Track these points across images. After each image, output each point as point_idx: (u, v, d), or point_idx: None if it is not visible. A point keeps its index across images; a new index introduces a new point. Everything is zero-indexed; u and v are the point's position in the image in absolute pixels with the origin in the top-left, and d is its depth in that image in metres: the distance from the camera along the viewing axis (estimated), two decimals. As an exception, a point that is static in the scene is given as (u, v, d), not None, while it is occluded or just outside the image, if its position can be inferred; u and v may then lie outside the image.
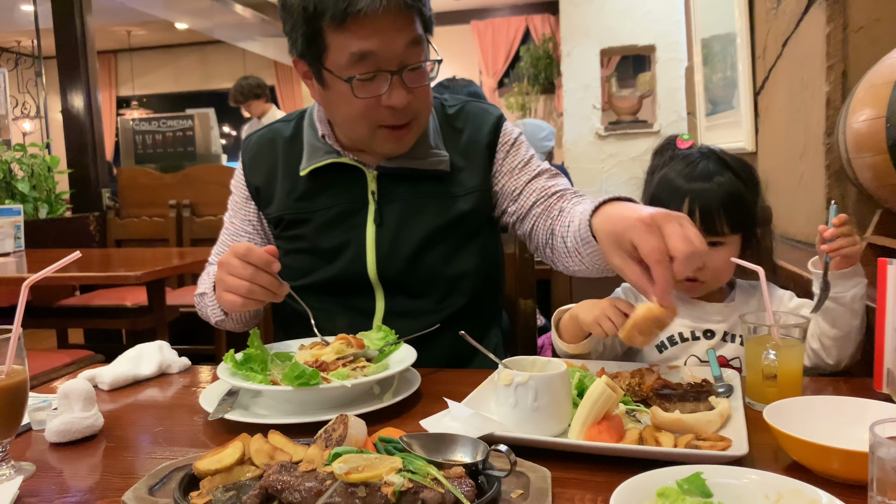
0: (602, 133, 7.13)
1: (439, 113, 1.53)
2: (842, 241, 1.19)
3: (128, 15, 8.37)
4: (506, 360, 1.07)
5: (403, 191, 1.44)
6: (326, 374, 1.13)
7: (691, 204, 1.32)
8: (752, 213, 1.35)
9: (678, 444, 0.92)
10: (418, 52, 1.30)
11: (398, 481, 0.75)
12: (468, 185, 1.46)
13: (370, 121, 1.34)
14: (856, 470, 0.78)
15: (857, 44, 1.83)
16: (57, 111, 5.07)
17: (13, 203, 3.94)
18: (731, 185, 1.33)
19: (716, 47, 3.12)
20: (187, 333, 3.60)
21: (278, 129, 1.54)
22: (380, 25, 1.24)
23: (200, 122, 6.55)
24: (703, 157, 1.36)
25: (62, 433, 1.06)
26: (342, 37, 1.26)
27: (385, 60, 1.27)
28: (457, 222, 1.45)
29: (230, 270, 1.22)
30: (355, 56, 1.26)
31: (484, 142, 1.49)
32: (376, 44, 1.25)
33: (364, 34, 1.24)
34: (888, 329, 1.11)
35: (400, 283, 1.44)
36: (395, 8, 1.23)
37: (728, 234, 1.32)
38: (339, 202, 1.44)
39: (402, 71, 1.29)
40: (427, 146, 1.45)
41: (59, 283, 3.30)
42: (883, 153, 1.52)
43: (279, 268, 1.21)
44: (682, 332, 1.38)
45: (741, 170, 1.37)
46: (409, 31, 1.27)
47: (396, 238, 1.43)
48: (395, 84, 1.29)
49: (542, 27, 8.57)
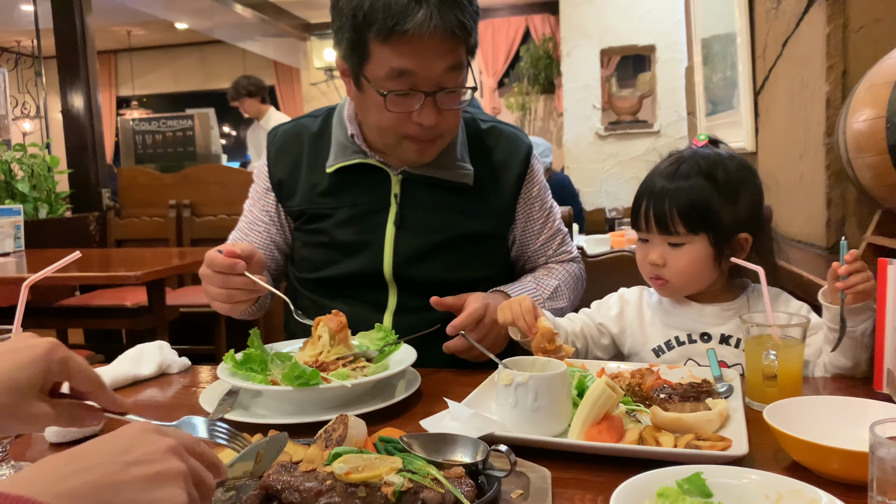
0: (602, 133, 7.13)
1: (470, 126, 1.56)
2: (855, 277, 1.17)
3: (128, 15, 8.36)
4: (506, 360, 1.07)
5: (426, 197, 1.48)
6: (326, 374, 1.13)
7: (647, 202, 1.33)
8: (717, 215, 1.29)
9: (678, 444, 0.92)
10: (456, 76, 1.33)
11: (398, 481, 0.75)
12: (493, 206, 1.52)
13: (398, 132, 1.37)
14: (856, 470, 0.78)
15: (857, 44, 1.83)
16: (57, 111, 5.06)
17: (13, 203, 3.93)
18: (694, 189, 1.30)
19: (716, 47, 3.12)
20: (187, 333, 3.60)
21: (305, 124, 1.57)
22: (424, 47, 1.26)
23: (200, 122, 6.56)
24: (685, 160, 1.35)
25: (62, 433, 1.06)
26: (385, 50, 1.27)
27: (422, 80, 1.30)
28: (474, 237, 1.50)
29: (206, 281, 1.28)
30: (395, 72, 1.28)
31: (516, 170, 1.54)
32: (417, 64, 1.27)
33: (407, 52, 1.26)
34: (888, 329, 1.11)
35: (413, 283, 1.48)
36: (442, 33, 1.24)
37: (685, 234, 1.30)
38: (363, 201, 1.48)
39: (437, 93, 1.32)
40: (453, 157, 1.48)
41: (59, 283, 3.30)
42: (883, 153, 1.52)
43: (245, 267, 1.24)
44: (678, 335, 1.38)
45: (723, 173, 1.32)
46: (451, 57, 1.29)
47: (413, 241, 1.47)
48: (428, 104, 1.32)
49: (542, 27, 8.56)
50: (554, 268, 1.62)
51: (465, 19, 1.27)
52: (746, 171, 1.37)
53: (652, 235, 1.34)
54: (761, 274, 1.19)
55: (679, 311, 1.40)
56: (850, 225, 1.91)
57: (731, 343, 1.35)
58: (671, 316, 1.40)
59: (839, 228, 1.93)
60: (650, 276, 1.37)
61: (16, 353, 0.74)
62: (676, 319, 1.39)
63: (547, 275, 1.59)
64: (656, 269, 1.34)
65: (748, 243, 1.34)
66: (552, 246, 1.63)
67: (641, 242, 1.38)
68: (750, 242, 1.34)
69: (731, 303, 1.38)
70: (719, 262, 1.33)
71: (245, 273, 1.25)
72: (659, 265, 1.33)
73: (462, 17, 1.27)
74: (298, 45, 9.50)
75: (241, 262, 1.24)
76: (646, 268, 1.37)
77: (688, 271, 1.33)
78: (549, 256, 1.64)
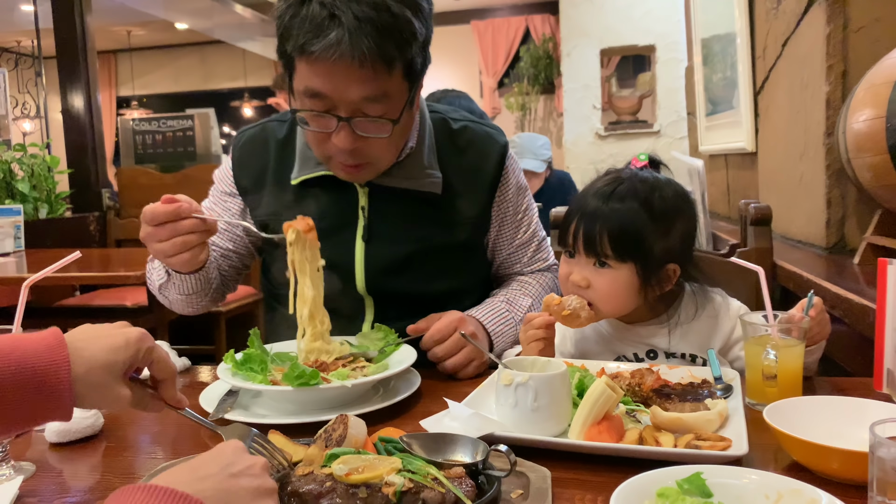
0: (602, 133, 7.14)
1: (440, 129, 1.48)
2: (815, 328, 1.17)
3: (128, 15, 8.36)
4: (506, 361, 1.07)
5: (394, 208, 1.41)
6: (326, 374, 1.13)
7: (578, 221, 1.26)
8: (647, 244, 1.23)
9: (678, 444, 0.92)
10: (379, 107, 1.23)
11: (399, 482, 0.75)
12: (466, 213, 1.45)
13: (322, 152, 1.32)
14: (856, 470, 0.78)
15: (857, 44, 1.83)
16: (57, 111, 5.06)
17: (13, 203, 3.93)
18: (628, 214, 1.23)
19: (716, 47, 3.12)
20: (187, 333, 3.60)
21: (272, 128, 1.50)
22: (335, 71, 1.18)
23: (200, 122, 6.54)
24: (622, 181, 1.27)
25: (62, 433, 1.06)
26: (303, 67, 1.21)
27: (335, 105, 1.22)
28: (448, 246, 1.44)
29: (151, 239, 1.19)
30: (309, 91, 1.22)
31: (490, 173, 1.46)
32: (329, 88, 1.20)
33: (320, 72, 1.19)
34: (888, 329, 1.11)
35: (389, 295, 1.43)
36: (349, 60, 1.15)
37: (612, 258, 1.23)
38: (329, 215, 1.40)
39: (353, 119, 1.24)
40: (421, 165, 1.41)
41: (59, 283, 3.30)
42: (883, 153, 1.52)
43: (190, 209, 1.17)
44: (625, 354, 1.34)
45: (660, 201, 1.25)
46: (368, 86, 1.20)
47: (385, 254, 1.41)
48: (343, 128, 1.24)
49: (542, 27, 8.56)
50: (528, 281, 1.55)
51: (388, 47, 1.17)
52: (682, 201, 1.29)
53: (578, 255, 1.27)
54: (761, 274, 1.19)
55: (618, 332, 1.35)
56: (850, 225, 1.91)
57: (677, 356, 1.31)
58: (613, 340, 1.35)
59: (839, 228, 1.93)
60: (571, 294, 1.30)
61: (111, 337, 0.83)
62: (619, 343, 1.35)
63: (520, 291, 1.51)
64: (578, 290, 1.27)
65: (676, 274, 1.28)
66: (527, 253, 1.56)
67: (567, 257, 1.30)
68: (678, 273, 1.29)
69: (659, 318, 1.33)
70: (644, 292, 1.27)
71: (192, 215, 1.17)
72: (582, 287, 1.26)
73: (382, 44, 1.16)
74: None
75: (185, 203, 1.17)
76: (567, 286, 1.30)
77: (611, 295, 1.26)
78: (524, 264, 1.56)
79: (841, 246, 1.93)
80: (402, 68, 1.22)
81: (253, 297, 3.87)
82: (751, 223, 1.76)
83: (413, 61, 1.24)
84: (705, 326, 1.32)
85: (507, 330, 1.43)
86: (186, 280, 1.38)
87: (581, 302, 1.23)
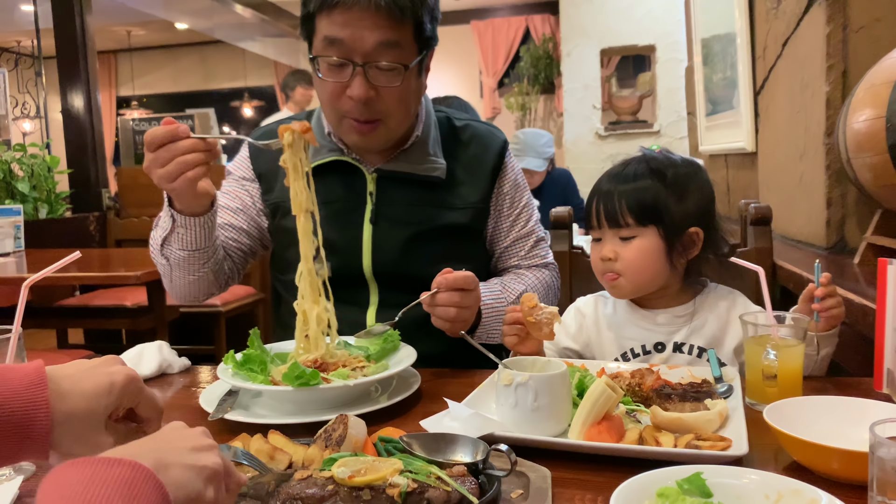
0: (602, 133, 7.13)
1: (444, 125, 1.58)
2: (830, 300, 1.20)
3: (128, 15, 8.36)
4: (506, 360, 1.07)
5: (400, 193, 1.50)
6: (326, 374, 1.13)
7: (597, 202, 1.35)
8: (665, 208, 1.31)
9: (678, 444, 0.93)
10: (390, 53, 1.34)
11: (403, 482, 0.74)
12: (467, 199, 1.53)
13: (336, 109, 1.40)
14: (856, 470, 0.78)
15: (857, 44, 1.83)
16: (57, 111, 5.06)
17: (13, 203, 3.93)
18: (642, 185, 1.32)
19: (716, 47, 3.12)
20: (187, 333, 3.60)
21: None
22: (354, 17, 1.30)
23: (200, 122, 6.54)
24: (634, 162, 1.36)
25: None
26: (323, 21, 1.33)
27: (352, 51, 1.33)
28: (449, 230, 1.51)
29: (153, 164, 1.20)
30: (327, 40, 1.33)
31: (490, 163, 1.56)
32: (347, 34, 1.31)
33: (339, 21, 1.31)
34: (888, 329, 1.11)
35: (393, 279, 1.49)
36: (365, 5, 1.29)
37: (634, 225, 1.31)
38: (338, 199, 1.49)
39: (368, 66, 1.33)
40: (425, 153, 1.50)
41: (59, 283, 3.30)
42: (883, 153, 1.52)
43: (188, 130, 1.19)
44: (633, 347, 1.37)
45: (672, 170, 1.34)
46: (383, 32, 1.32)
47: (390, 238, 1.48)
48: (358, 75, 1.34)
49: (542, 27, 8.56)
50: (524, 273, 1.60)
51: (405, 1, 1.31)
52: (695, 169, 1.38)
53: (603, 232, 1.35)
54: (761, 274, 1.19)
55: (632, 320, 1.38)
56: (850, 225, 1.91)
57: (684, 350, 1.34)
58: (625, 327, 1.38)
59: (839, 228, 1.93)
60: (603, 273, 1.36)
61: (97, 377, 0.76)
62: (631, 330, 1.38)
63: (515, 279, 1.57)
64: (608, 265, 1.33)
65: (699, 237, 1.33)
66: (524, 247, 1.61)
67: (595, 243, 1.38)
68: (702, 237, 1.33)
69: (682, 307, 1.37)
70: (671, 258, 1.32)
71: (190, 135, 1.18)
72: (611, 259, 1.32)
73: None
74: (298, 45, 9.49)
75: (183, 125, 1.20)
76: (598, 266, 1.36)
77: (638, 263, 1.31)
78: (521, 258, 1.61)
79: (841, 246, 1.93)
80: (412, 24, 1.34)
81: (253, 297, 3.88)
82: (751, 223, 1.76)
83: (423, 24, 1.36)
84: (723, 323, 1.35)
85: (498, 306, 1.47)
86: (191, 228, 1.36)
87: (551, 318, 1.22)
